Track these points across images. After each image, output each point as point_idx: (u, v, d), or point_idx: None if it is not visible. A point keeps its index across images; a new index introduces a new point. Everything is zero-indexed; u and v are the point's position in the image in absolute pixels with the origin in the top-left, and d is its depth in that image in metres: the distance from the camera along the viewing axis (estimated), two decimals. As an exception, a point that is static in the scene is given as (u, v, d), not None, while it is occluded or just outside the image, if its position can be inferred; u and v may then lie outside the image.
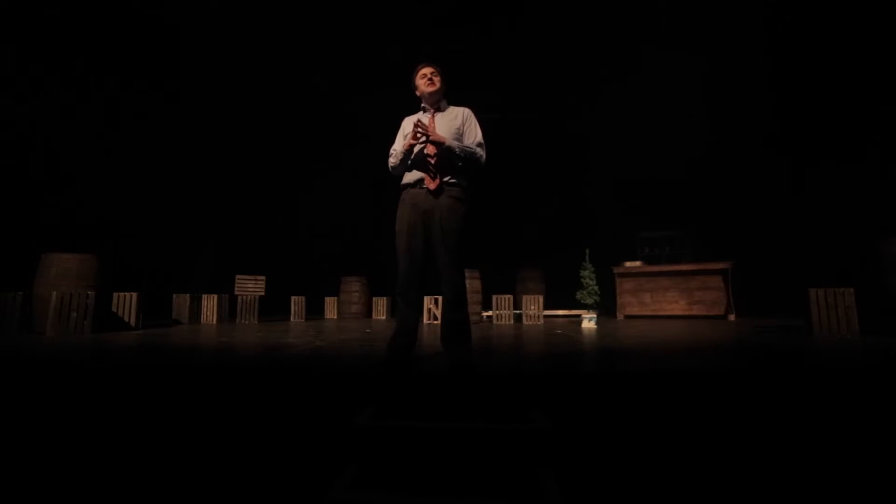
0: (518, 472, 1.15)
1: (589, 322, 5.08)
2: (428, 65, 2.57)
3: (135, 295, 4.98)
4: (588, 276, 5.23)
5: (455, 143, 2.43)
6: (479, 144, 2.52)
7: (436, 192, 2.38)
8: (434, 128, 2.46)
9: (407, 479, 1.13)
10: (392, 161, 2.54)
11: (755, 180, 7.69)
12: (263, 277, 6.39)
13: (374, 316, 7.71)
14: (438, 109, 2.57)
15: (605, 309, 6.33)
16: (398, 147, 2.52)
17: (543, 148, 8.84)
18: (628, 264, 6.81)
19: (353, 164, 8.99)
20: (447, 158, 2.42)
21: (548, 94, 8.06)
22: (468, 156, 2.47)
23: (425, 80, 2.53)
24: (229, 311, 6.49)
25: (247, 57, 7.08)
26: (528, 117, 8.42)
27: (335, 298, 7.82)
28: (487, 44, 6.99)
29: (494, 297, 6.09)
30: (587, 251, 5.39)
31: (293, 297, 6.95)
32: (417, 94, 2.61)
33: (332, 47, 7.20)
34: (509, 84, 7.83)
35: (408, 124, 2.58)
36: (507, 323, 5.99)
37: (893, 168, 6.03)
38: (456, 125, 2.49)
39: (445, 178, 2.41)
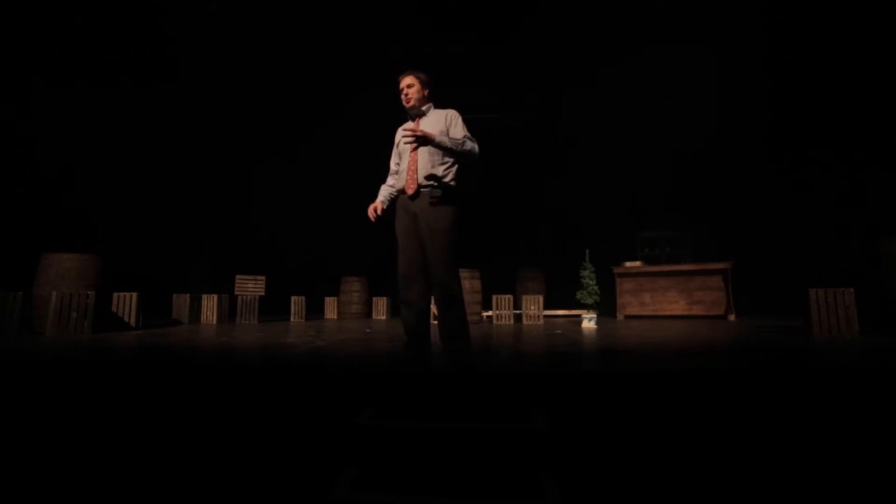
0: (518, 472, 1.15)
1: (589, 322, 5.08)
2: (403, 76, 2.56)
3: (135, 295, 4.97)
4: (588, 276, 5.23)
5: (444, 138, 2.43)
6: (465, 137, 2.51)
7: (412, 196, 2.44)
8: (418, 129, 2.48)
9: (407, 479, 1.13)
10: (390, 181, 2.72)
11: (755, 180, 7.69)
12: (263, 277, 6.39)
13: (374, 316, 7.71)
14: (422, 115, 2.59)
15: (605, 309, 6.33)
16: (392, 161, 2.68)
17: (543, 147, 8.84)
18: (628, 264, 6.81)
19: (354, 164, 8.98)
20: (431, 158, 2.44)
21: (547, 93, 8.05)
22: (459, 148, 2.46)
23: (402, 96, 2.56)
24: (229, 311, 6.49)
25: (246, 56, 7.07)
26: (528, 117, 8.42)
27: (335, 298, 7.82)
28: (486, 44, 6.98)
29: (494, 297, 6.09)
30: (587, 251, 5.39)
31: (293, 297, 6.95)
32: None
33: (333, 46, 7.19)
34: (508, 84, 7.82)
35: (398, 135, 2.65)
36: (507, 323, 5.99)
37: (893, 168, 6.04)
38: (440, 127, 2.49)
39: (424, 182, 2.43)
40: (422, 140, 2.36)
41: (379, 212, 2.65)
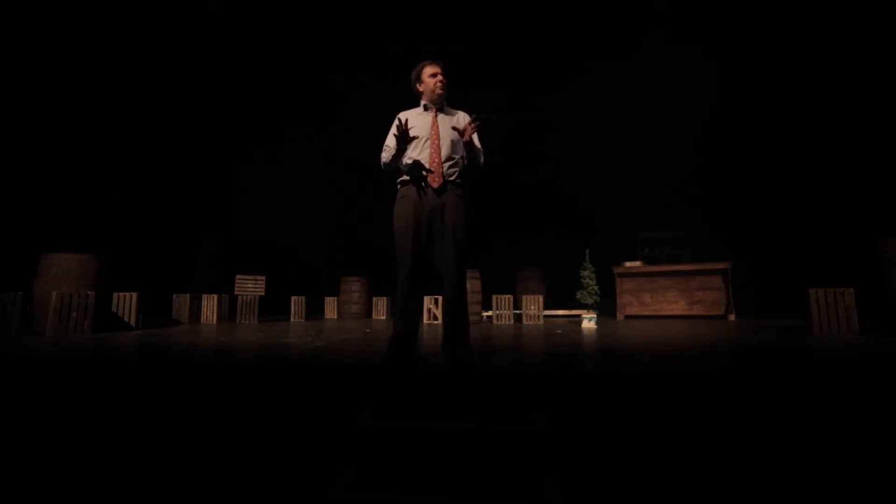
0: (518, 472, 1.15)
1: (589, 322, 5.08)
2: (436, 63, 2.48)
3: (135, 295, 4.97)
4: (588, 276, 5.23)
5: (479, 148, 2.48)
6: (482, 151, 2.53)
7: (439, 191, 2.35)
8: (438, 128, 2.43)
9: (407, 479, 1.13)
10: (385, 156, 2.44)
11: (755, 180, 7.69)
12: (263, 277, 6.39)
13: (374, 316, 7.71)
14: (441, 110, 2.51)
15: (605, 309, 6.33)
16: (392, 143, 2.40)
17: (543, 147, 8.84)
18: (628, 264, 6.81)
19: (353, 163, 8.98)
20: (453, 154, 2.41)
21: (548, 93, 8.06)
22: (478, 159, 2.49)
23: (436, 81, 2.45)
24: (229, 311, 6.49)
25: (246, 56, 7.08)
26: (528, 117, 8.42)
27: (335, 298, 7.83)
28: (486, 43, 6.99)
29: (494, 297, 6.09)
30: (587, 251, 5.39)
31: (293, 297, 6.95)
32: (420, 89, 2.52)
33: (333, 45, 7.19)
34: (508, 84, 7.83)
35: (408, 120, 2.46)
36: (507, 323, 5.98)
37: (893, 168, 6.04)
38: (460, 128, 2.44)
39: (451, 177, 2.40)
40: (470, 137, 2.34)
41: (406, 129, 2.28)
